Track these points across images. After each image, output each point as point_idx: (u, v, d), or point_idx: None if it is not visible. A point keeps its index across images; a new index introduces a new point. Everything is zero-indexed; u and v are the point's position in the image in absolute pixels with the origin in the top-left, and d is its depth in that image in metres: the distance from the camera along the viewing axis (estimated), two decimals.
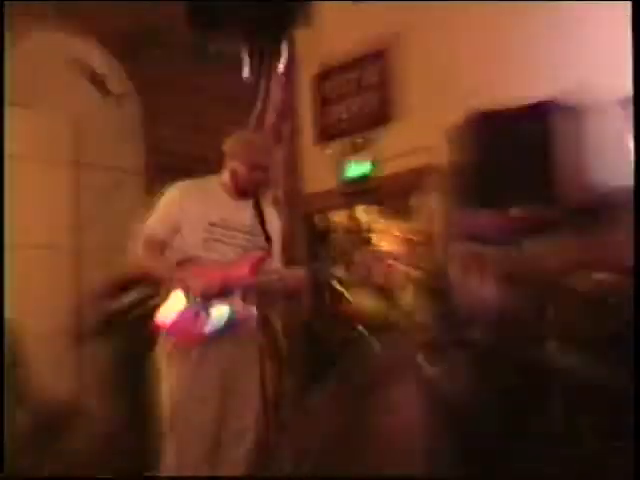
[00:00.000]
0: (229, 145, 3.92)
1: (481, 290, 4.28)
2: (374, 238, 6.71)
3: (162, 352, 3.77)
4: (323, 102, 7.03)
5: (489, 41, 5.79)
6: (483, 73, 5.71)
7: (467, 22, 5.93)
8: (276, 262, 3.98)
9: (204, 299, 3.67)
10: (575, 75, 5.12)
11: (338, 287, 6.96)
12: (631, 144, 3.05)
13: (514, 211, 4.36)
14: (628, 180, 3.20)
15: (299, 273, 3.92)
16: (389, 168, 6.37)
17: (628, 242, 3.84)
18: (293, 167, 7.13)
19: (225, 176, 3.91)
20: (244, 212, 3.88)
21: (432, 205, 6.08)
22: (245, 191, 3.88)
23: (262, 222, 3.90)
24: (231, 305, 3.73)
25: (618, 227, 4.17)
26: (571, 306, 3.97)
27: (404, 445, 3.69)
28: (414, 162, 6.09)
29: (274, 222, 4.04)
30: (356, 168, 6.63)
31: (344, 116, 6.85)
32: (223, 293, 3.70)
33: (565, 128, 4.82)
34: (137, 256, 3.76)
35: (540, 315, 4.00)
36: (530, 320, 4.13)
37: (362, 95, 6.74)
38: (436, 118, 5.71)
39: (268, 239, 3.91)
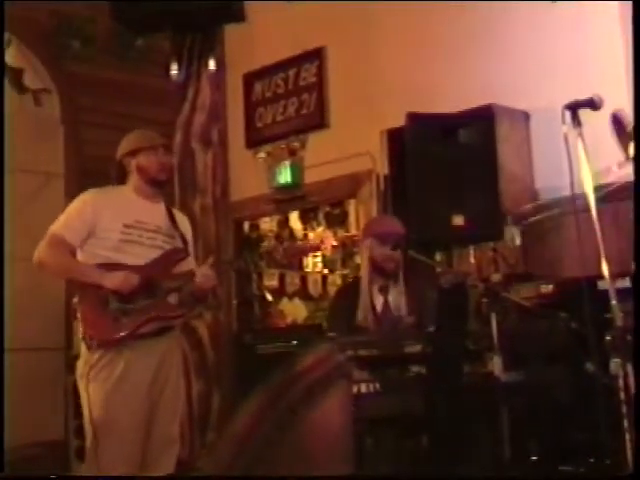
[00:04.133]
0: (131, 142, 3.97)
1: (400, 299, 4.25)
2: (306, 245, 6.63)
3: (85, 359, 3.73)
4: (254, 104, 6.91)
5: (429, 44, 5.74)
6: (422, 77, 5.66)
7: (404, 25, 5.89)
8: (192, 264, 4.00)
9: (122, 301, 3.66)
10: (517, 80, 5.16)
11: (269, 297, 6.90)
12: (576, 149, 3.02)
13: (456, 219, 4.35)
14: (571, 185, 3.17)
15: (209, 272, 3.86)
16: (322, 174, 6.29)
17: (569, 252, 3.84)
18: (222, 172, 7.00)
19: (134, 178, 3.94)
20: (158, 214, 3.94)
21: (365, 213, 6.04)
22: (156, 182, 3.93)
23: (175, 224, 3.96)
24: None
25: (558, 236, 4.18)
26: (512, 318, 3.94)
27: (330, 459, 3.65)
28: (349, 168, 6.03)
29: (186, 224, 4.10)
30: (288, 174, 6.54)
31: (276, 119, 6.75)
32: (141, 293, 3.70)
33: (507, 134, 4.84)
34: (44, 258, 3.75)
35: (481, 328, 3.97)
36: (469, 332, 4.11)
37: (295, 98, 6.64)
38: (372, 123, 5.65)
39: (184, 241, 3.97)
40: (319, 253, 6.54)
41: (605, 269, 3.00)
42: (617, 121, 3.18)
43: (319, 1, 6.26)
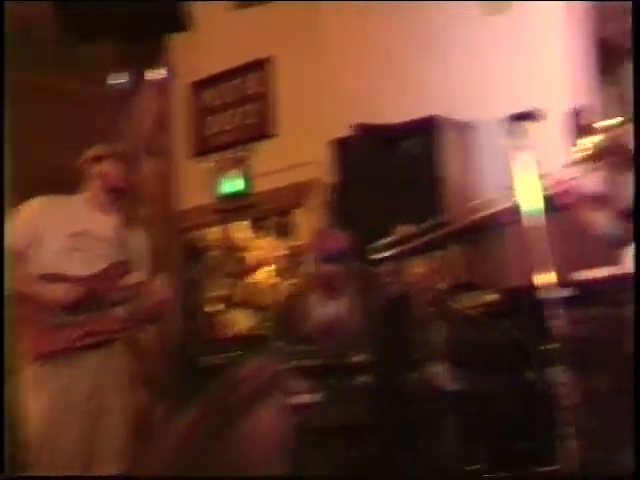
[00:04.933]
0: (98, 148, 3.93)
1: (341, 309, 4.27)
2: (250, 255, 6.60)
3: (25, 373, 3.66)
4: (200, 113, 6.86)
5: (375, 55, 5.78)
6: (368, 88, 5.69)
7: (351, 36, 5.92)
8: (141, 276, 3.93)
9: (65, 313, 3.60)
10: (462, 91, 5.21)
11: (215, 307, 6.84)
12: (516, 160, 3.05)
13: (401, 229, 4.36)
14: (512, 197, 3.20)
15: (162, 287, 3.83)
16: (268, 184, 6.27)
17: (512, 260, 3.88)
18: (167, 181, 6.93)
19: (92, 186, 3.89)
20: (110, 225, 3.87)
21: (310, 222, 6.04)
22: (116, 191, 3.88)
23: (125, 236, 3.89)
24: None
25: (503, 246, 4.22)
26: (456, 327, 3.96)
27: (266, 468, 3.64)
28: (294, 178, 6.03)
29: (139, 237, 4.04)
30: (233, 183, 6.50)
31: (223, 128, 6.71)
32: (85, 304, 3.65)
33: (450, 145, 4.88)
34: None
35: (425, 337, 3.98)
36: (414, 342, 4.11)
37: (242, 107, 6.62)
38: (319, 132, 5.67)
39: (134, 253, 3.90)
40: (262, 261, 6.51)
41: (548, 278, 3.03)
42: (574, 118, 3.22)
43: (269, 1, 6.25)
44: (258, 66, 6.53)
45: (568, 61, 5.19)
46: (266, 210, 6.52)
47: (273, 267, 6.52)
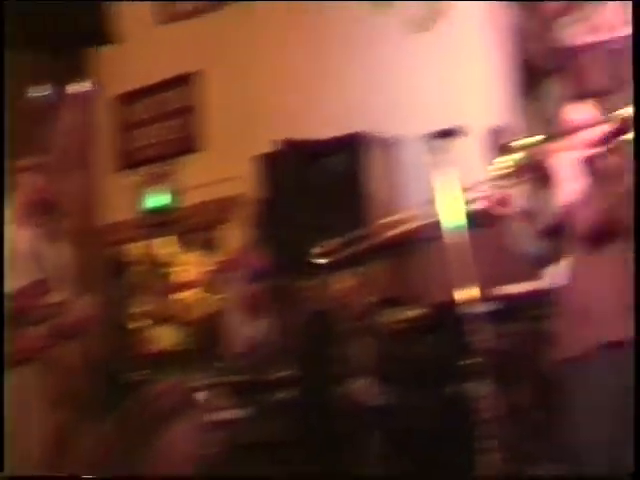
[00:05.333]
0: (25, 160, 3.88)
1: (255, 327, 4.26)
2: (175, 271, 6.53)
3: None
4: (126, 127, 6.78)
5: (304, 72, 5.80)
6: (295, 104, 5.70)
7: (279, 51, 5.94)
8: (62, 293, 3.86)
9: None
10: (388, 107, 5.27)
11: (139, 323, 6.74)
12: (438, 177, 3.08)
13: (327, 244, 4.37)
14: (435, 214, 3.23)
15: (84, 304, 3.76)
16: (194, 198, 6.22)
17: (436, 276, 3.90)
18: (92, 195, 6.81)
19: (17, 199, 3.82)
20: (28, 239, 3.80)
21: (236, 237, 6.01)
22: (36, 203, 3.82)
23: (45, 251, 3.84)
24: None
25: (426, 262, 4.26)
26: (381, 342, 3.98)
27: None
28: (221, 192, 5.99)
29: (59, 251, 3.99)
30: (159, 198, 6.43)
31: (148, 142, 6.64)
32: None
33: (374, 161, 4.92)
34: None
35: (350, 352, 3.99)
36: (339, 357, 4.12)
37: (166, 122, 6.56)
38: (243, 148, 5.65)
39: (53, 268, 3.84)
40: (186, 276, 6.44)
41: (471, 293, 3.06)
42: (493, 136, 3.27)
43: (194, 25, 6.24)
44: (186, 80, 6.49)
45: (491, 79, 5.29)
46: (192, 225, 6.47)
47: (199, 283, 6.45)
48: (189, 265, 6.49)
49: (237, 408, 3.66)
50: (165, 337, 6.60)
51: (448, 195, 3.12)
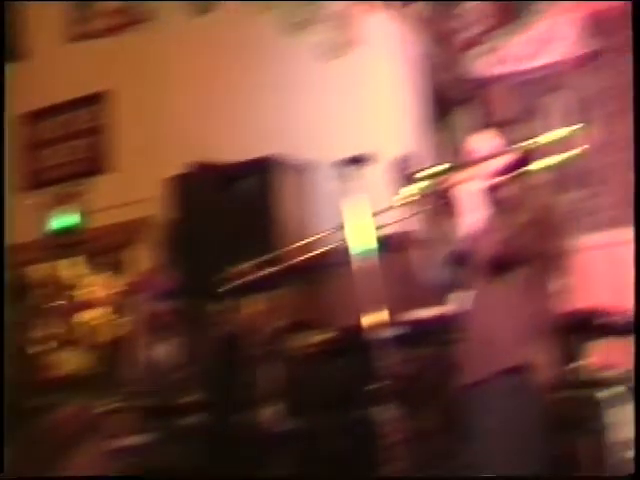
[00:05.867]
0: None
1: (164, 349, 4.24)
2: (81, 293, 6.42)
3: None
4: (33, 146, 6.66)
5: (216, 94, 5.82)
6: (207, 126, 5.71)
7: (192, 74, 5.94)
8: None
9: None
10: (301, 132, 5.33)
11: (43, 347, 6.59)
12: (347, 202, 3.14)
13: (237, 268, 4.37)
14: (345, 239, 3.29)
15: None
16: (103, 219, 6.15)
17: (345, 300, 3.95)
18: None
19: None
20: None
21: (145, 259, 5.96)
22: None
23: None
24: None
25: (335, 286, 4.30)
26: (290, 366, 4.00)
27: None
28: (130, 214, 5.94)
29: None
30: (66, 218, 6.33)
31: (54, 162, 6.54)
32: None
33: (286, 185, 4.96)
34: None
35: (257, 376, 4.00)
36: (247, 382, 4.12)
37: (75, 141, 6.48)
38: (153, 170, 5.61)
39: None
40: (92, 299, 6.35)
41: (378, 318, 3.12)
42: (400, 165, 3.34)
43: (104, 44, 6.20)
44: (96, 99, 6.43)
45: (401, 108, 5.42)
46: (101, 246, 6.38)
47: (105, 304, 6.37)
48: (96, 287, 6.41)
49: (144, 433, 3.62)
50: (70, 361, 6.48)
51: (357, 221, 3.18)
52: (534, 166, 2.94)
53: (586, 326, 3.82)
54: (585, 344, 3.85)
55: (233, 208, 4.89)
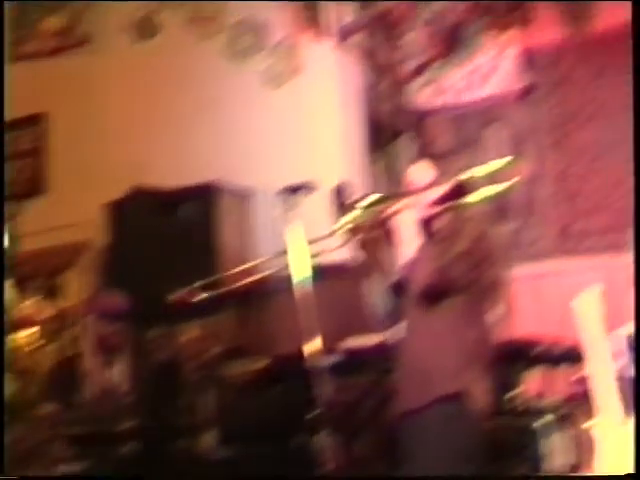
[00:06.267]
0: None
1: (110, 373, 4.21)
2: (13, 317, 6.31)
3: None
4: None
5: (156, 118, 5.82)
6: (146, 150, 5.70)
7: (131, 97, 5.94)
8: None
9: None
10: (241, 158, 5.36)
11: None
12: (287, 230, 3.18)
13: (176, 293, 4.37)
14: (283, 266, 3.32)
15: None
16: (39, 242, 6.07)
17: (282, 327, 3.98)
18: None
19: None
20: None
21: (83, 284, 5.91)
22: None
23: None
24: None
25: (273, 313, 4.33)
26: (227, 393, 4.00)
27: None
28: (67, 237, 5.88)
29: None
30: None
31: None
32: None
33: (226, 211, 4.98)
34: None
35: (195, 404, 3.99)
36: (183, 408, 4.11)
37: (12, 162, 6.41)
38: (93, 193, 5.58)
39: None
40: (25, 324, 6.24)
41: (316, 345, 3.15)
42: (338, 193, 3.39)
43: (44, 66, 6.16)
44: (32, 121, 6.37)
45: (342, 137, 5.50)
46: (34, 270, 6.30)
47: (37, 329, 6.27)
48: (28, 311, 6.31)
49: (79, 461, 3.58)
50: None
51: (296, 248, 3.21)
52: (469, 197, 3.01)
53: (522, 355, 3.91)
54: (521, 373, 3.94)
55: (172, 234, 4.88)
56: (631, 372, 3.19)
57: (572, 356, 3.58)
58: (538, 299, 4.86)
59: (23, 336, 6.35)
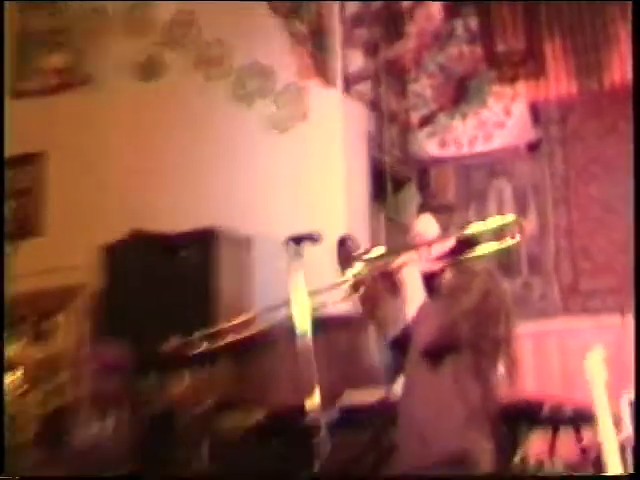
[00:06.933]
0: None
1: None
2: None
3: None
4: None
5: (157, 163, 5.88)
6: (146, 195, 5.75)
7: (132, 142, 5.99)
8: None
9: None
10: (242, 205, 5.42)
11: None
12: (290, 280, 3.22)
13: (172, 340, 4.38)
14: (283, 315, 3.35)
15: None
16: (33, 284, 6.10)
17: (281, 379, 4.01)
18: None
19: None
20: None
21: (74, 329, 5.91)
22: None
23: None
24: None
25: (272, 364, 4.35)
26: (224, 445, 4.01)
27: None
28: (61, 280, 5.90)
29: None
30: None
31: None
32: None
33: (226, 258, 5.02)
34: None
35: (191, 456, 4.00)
36: (178, 460, 4.11)
37: (9, 201, 6.46)
38: (90, 235, 5.60)
39: None
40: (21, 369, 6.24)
41: (315, 399, 3.17)
42: (342, 245, 3.43)
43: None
44: (29, 160, 6.42)
45: (346, 185, 5.57)
46: (27, 312, 6.31)
47: (20, 374, 6.27)
48: (17, 355, 6.31)
49: None
50: None
51: (297, 299, 3.24)
52: (474, 253, 3.06)
53: (526, 416, 3.93)
54: (525, 434, 3.96)
55: (170, 279, 4.92)
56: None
57: (576, 419, 3.61)
58: (542, 357, 4.90)
59: (8, 380, 6.36)
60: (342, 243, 3.26)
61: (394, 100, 6.53)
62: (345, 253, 3.23)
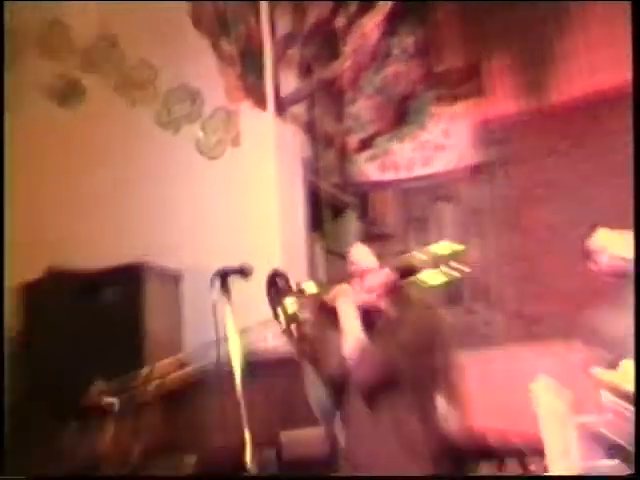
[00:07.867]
0: None
1: None
2: None
3: None
4: None
5: (80, 196, 5.76)
6: (67, 230, 5.64)
7: (52, 175, 5.86)
8: None
9: None
10: (171, 239, 5.37)
11: None
12: (220, 316, 3.21)
13: (96, 386, 4.33)
14: (214, 355, 3.33)
15: None
16: None
17: (214, 420, 3.98)
18: None
19: None
20: None
21: None
22: None
23: None
24: None
25: (204, 406, 4.32)
26: None
27: None
28: None
29: None
30: None
31: None
32: None
33: (153, 294, 4.97)
34: None
35: None
36: None
37: None
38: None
39: None
40: None
41: (249, 440, 3.16)
42: (272, 282, 3.43)
43: None
44: None
45: (281, 213, 5.57)
46: None
47: None
48: None
49: None
50: None
51: (228, 336, 3.23)
52: (414, 281, 3.07)
53: (472, 449, 3.96)
54: (470, 468, 3.99)
55: (93, 320, 4.84)
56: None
57: (523, 450, 3.65)
58: (487, 386, 4.94)
59: None
60: (271, 279, 3.26)
61: (331, 123, 6.57)
62: (275, 289, 3.23)
